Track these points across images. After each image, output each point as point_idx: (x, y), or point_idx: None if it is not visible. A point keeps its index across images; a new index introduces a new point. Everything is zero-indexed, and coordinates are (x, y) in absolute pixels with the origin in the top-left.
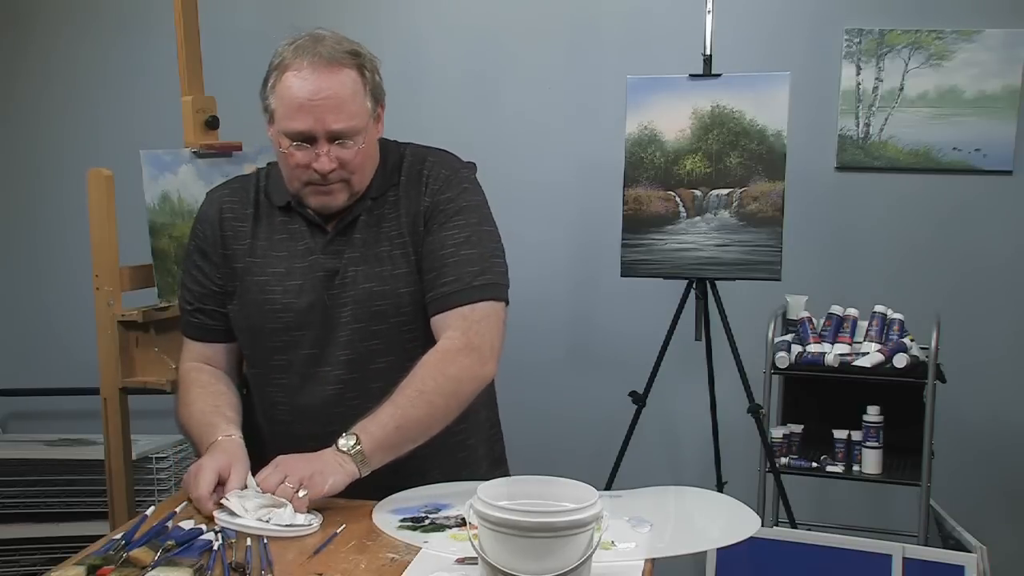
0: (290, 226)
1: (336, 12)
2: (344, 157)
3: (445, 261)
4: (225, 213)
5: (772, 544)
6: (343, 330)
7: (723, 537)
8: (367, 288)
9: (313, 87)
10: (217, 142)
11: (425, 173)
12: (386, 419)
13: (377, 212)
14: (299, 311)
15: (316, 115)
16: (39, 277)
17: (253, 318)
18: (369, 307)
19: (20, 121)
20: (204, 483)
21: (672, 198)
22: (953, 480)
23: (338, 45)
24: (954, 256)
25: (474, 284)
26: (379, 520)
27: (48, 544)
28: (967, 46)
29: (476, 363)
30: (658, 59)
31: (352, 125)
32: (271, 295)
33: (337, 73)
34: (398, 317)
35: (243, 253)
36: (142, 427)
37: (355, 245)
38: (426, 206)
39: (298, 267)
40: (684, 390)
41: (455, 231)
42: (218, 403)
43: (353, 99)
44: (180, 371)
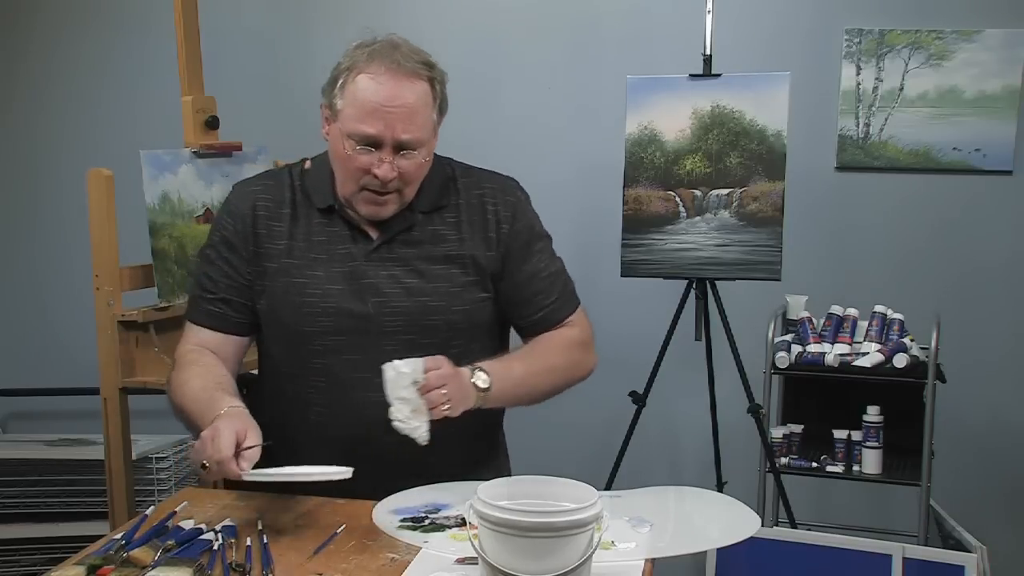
0: (329, 229)
1: (336, 12)
2: (405, 168)
3: (545, 283)
4: (259, 211)
5: (772, 544)
6: (390, 340)
7: (723, 537)
8: (422, 302)
9: (389, 93)
10: (217, 142)
11: (488, 200)
12: (517, 376)
13: (431, 228)
14: (341, 316)
15: (387, 121)
16: (39, 277)
17: (291, 321)
18: (421, 321)
19: (20, 121)
20: (225, 445)
21: (672, 198)
22: (953, 480)
23: (415, 55)
24: (954, 256)
25: (568, 291)
26: (379, 520)
27: (48, 544)
28: (967, 46)
29: (590, 358)
30: (658, 59)
31: (419, 137)
32: (310, 298)
33: (413, 83)
34: (448, 333)
35: (279, 253)
36: (142, 427)
37: (408, 258)
38: (504, 233)
39: (338, 272)
40: (684, 390)
41: (540, 254)
42: (220, 381)
43: (423, 112)
44: (178, 352)
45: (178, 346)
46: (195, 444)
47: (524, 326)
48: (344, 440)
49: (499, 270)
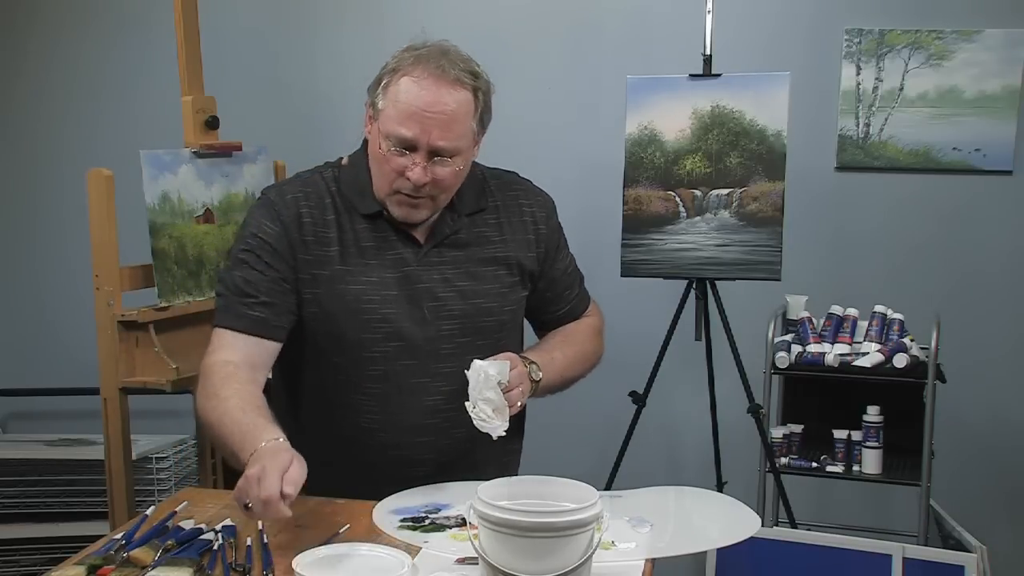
0: (376, 234)
1: (336, 12)
2: (439, 175)
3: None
4: (304, 217)
5: (772, 544)
6: (447, 343)
7: (723, 537)
8: (476, 304)
9: (430, 98)
10: (217, 142)
11: (523, 201)
12: (558, 366)
13: (476, 231)
14: (398, 321)
15: (424, 126)
16: (39, 277)
17: (348, 328)
18: (476, 322)
19: (20, 121)
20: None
21: (672, 198)
22: (953, 480)
23: (461, 63)
24: (954, 256)
25: (585, 292)
26: (379, 520)
27: (48, 544)
28: (967, 46)
29: (602, 345)
30: (658, 59)
31: (455, 145)
32: (369, 304)
33: (455, 91)
34: (500, 333)
35: (330, 260)
36: (142, 427)
37: (458, 261)
38: (542, 233)
39: (391, 277)
40: (684, 390)
41: (566, 249)
42: (259, 405)
43: (463, 120)
44: (212, 360)
45: (206, 356)
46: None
47: (550, 320)
48: (396, 446)
49: (537, 269)
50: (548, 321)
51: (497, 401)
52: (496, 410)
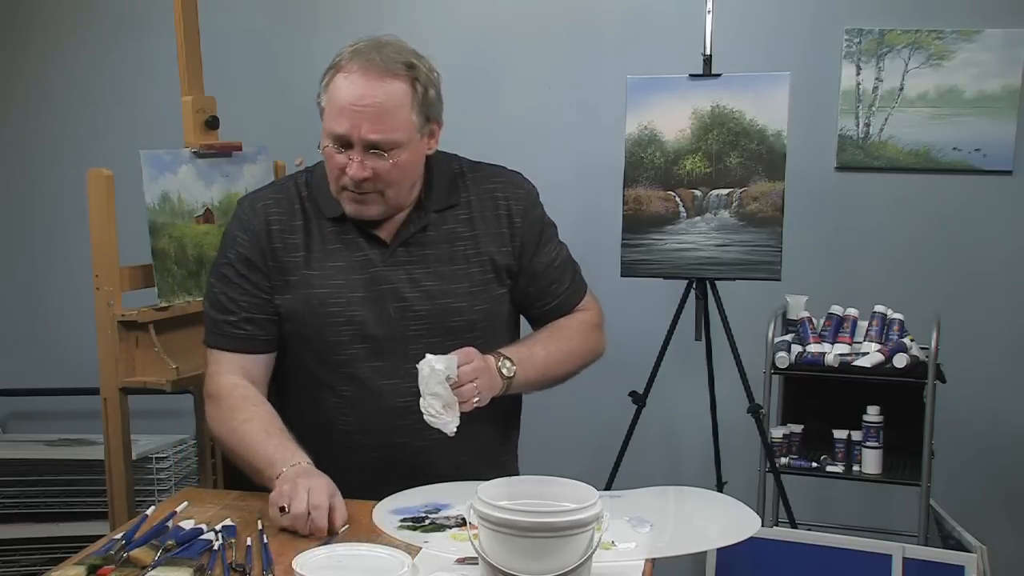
0: (344, 236)
1: (336, 12)
2: (378, 169)
3: (560, 270)
4: (272, 224)
5: (772, 544)
6: (416, 343)
7: (723, 537)
8: (443, 304)
9: (359, 92)
10: (217, 142)
11: (499, 194)
12: (538, 362)
13: (446, 228)
14: (364, 323)
15: (354, 121)
16: (39, 277)
17: (315, 332)
18: (445, 322)
19: (20, 121)
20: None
21: (672, 198)
22: (953, 480)
23: (396, 55)
24: (954, 256)
25: (579, 277)
26: (379, 520)
27: (48, 544)
28: (967, 46)
29: (602, 340)
30: (658, 59)
31: (389, 138)
32: (334, 307)
33: (386, 83)
34: (472, 333)
35: (297, 265)
36: (142, 427)
37: (427, 260)
38: (517, 227)
39: (358, 279)
40: (684, 390)
41: (552, 243)
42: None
43: (396, 111)
44: (217, 384)
45: (209, 378)
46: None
47: (538, 315)
48: (373, 447)
49: (515, 264)
50: (537, 316)
51: (446, 396)
52: (446, 406)
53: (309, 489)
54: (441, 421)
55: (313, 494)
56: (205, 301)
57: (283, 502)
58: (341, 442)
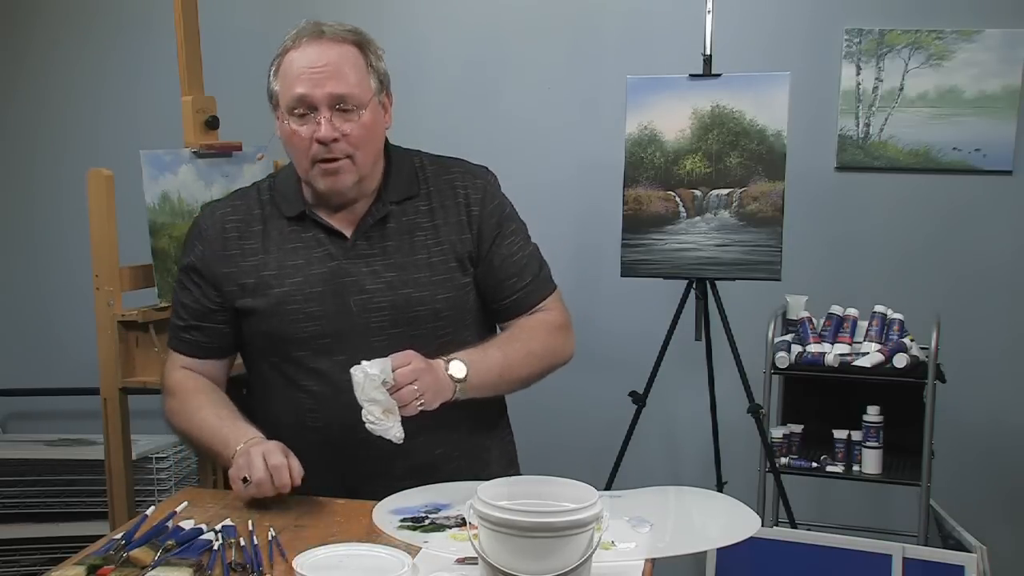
0: (303, 235)
1: (336, 12)
2: (346, 129)
3: (519, 265)
4: (229, 232)
5: (772, 544)
6: (379, 335)
7: (723, 537)
8: (405, 294)
9: (313, 56)
10: (217, 142)
11: (458, 184)
12: (495, 364)
13: (406, 219)
14: (324, 318)
15: (315, 80)
16: (39, 277)
17: (277, 331)
18: (407, 313)
19: (20, 121)
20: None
21: (672, 198)
22: (953, 480)
23: (340, 27)
24: (954, 256)
25: (543, 277)
26: (379, 520)
27: (48, 544)
28: (967, 46)
29: (568, 341)
30: (658, 59)
31: (351, 92)
32: (292, 304)
33: (336, 46)
34: (435, 323)
35: (256, 267)
36: (142, 427)
37: (388, 252)
38: (475, 215)
39: (318, 274)
40: (684, 390)
41: (513, 236)
42: (230, 408)
43: (353, 69)
44: (170, 380)
45: (166, 372)
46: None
47: (499, 310)
48: (342, 443)
49: (475, 252)
50: (497, 312)
51: (385, 401)
52: (386, 411)
53: (263, 453)
54: (382, 427)
55: (269, 456)
56: None
57: (243, 474)
58: (312, 439)
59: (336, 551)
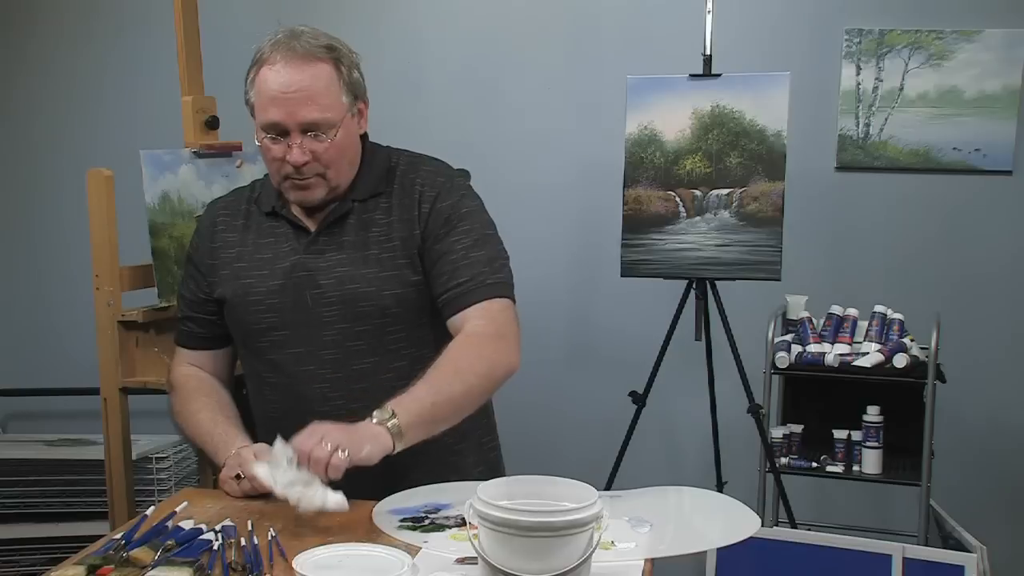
0: (276, 230)
1: (336, 12)
2: (317, 150)
3: (457, 264)
4: (219, 226)
5: (772, 544)
6: (328, 330)
7: (723, 537)
8: (353, 289)
9: (285, 80)
10: (217, 142)
11: (419, 181)
12: (422, 394)
13: (366, 216)
14: (282, 310)
15: (288, 108)
16: (39, 277)
17: (241, 320)
18: (354, 308)
19: (20, 121)
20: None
21: (672, 198)
22: (953, 480)
23: (314, 40)
24: (954, 256)
25: (487, 283)
26: (379, 520)
27: (48, 544)
28: (967, 46)
29: (505, 350)
30: (658, 59)
31: (324, 117)
32: (254, 296)
33: (310, 66)
34: (383, 319)
35: (232, 259)
36: (142, 427)
37: (343, 247)
38: (424, 212)
39: (280, 267)
40: (684, 390)
41: (462, 236)
42: (227, 414)
43: (326, 92)
44: (174, 375)
45: (171, 367)
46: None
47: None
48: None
49: (421, 248)
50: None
51: (301, 478)
52: (306, 484)
53: (255, 452)
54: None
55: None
56: None
57: (235, 472)
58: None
59: (336, 551)
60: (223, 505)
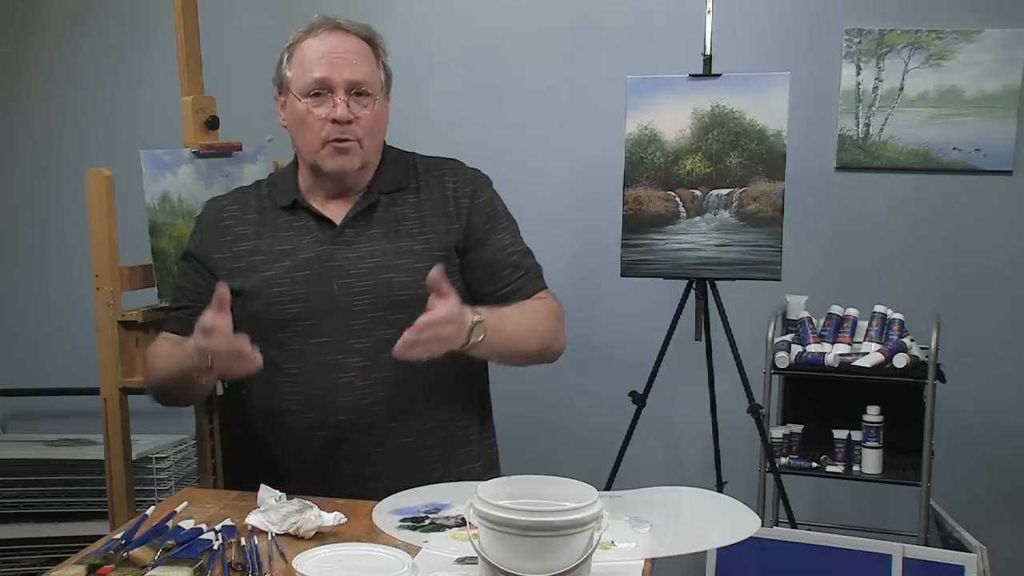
0: (295, 224)
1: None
2: (359, 113)
3: (510, 260)
4: (226, 220)
5: (772, 544)
6: (359, 319)
7: (723, 537)
8: (387, 279)
9: (332, 44)
10: (217, 142)
11: (446, 178)
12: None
13: (394, 209)
14: (308, 300)
15: (334, 66)
16: (39, 277)
17: (261, 311)
18: (388, 297)
19: (20, 121)
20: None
21: (672, 198)
22: (953, 480)
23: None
24: (954, 256)
25: (537, 273)
26: (379, 520)
27: (48, 544)
28: (967, 46)
29: (563, 336)
30: (658, 59)
31: (367, 80)
32: (278, 286)
33: (352, 38)
34: (417, 308)
35: (247, 252)
36: (142, 427)
37: (373, 239)
38: (463, 207)
39: (305, 258)
40: (684, 390)
41: (504, 233)
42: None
43: (368, 61)
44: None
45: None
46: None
47: (492, 302)
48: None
49: (463, 242)
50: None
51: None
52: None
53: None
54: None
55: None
56: None
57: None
58: (291, 424)
59: (336, 551)
60: (223, 505)
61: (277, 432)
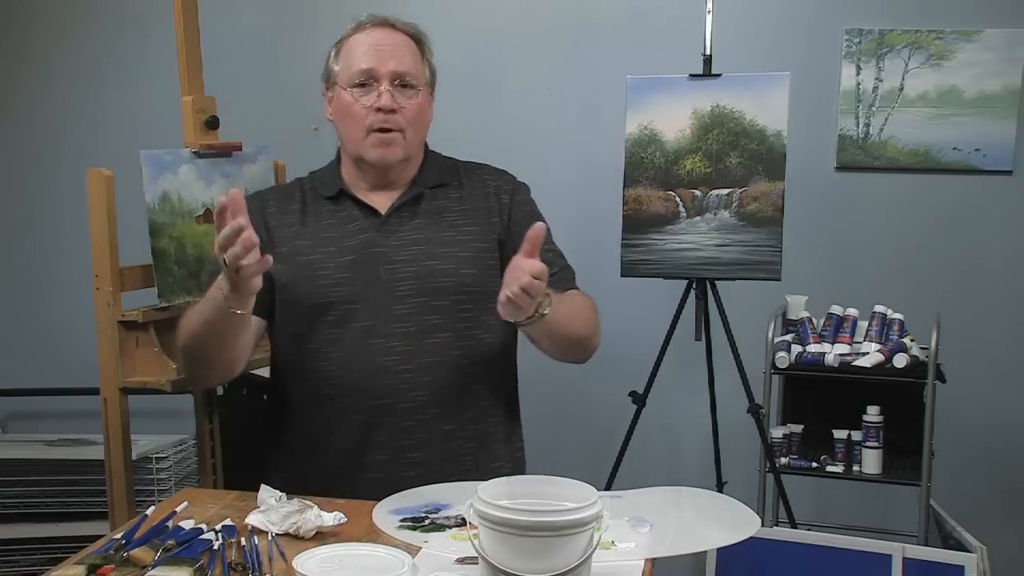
0: (339, 213)
1: (336, 12)
2: (403, 104)
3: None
4: (270, 208)
5: (772, 544)
6: (403, 304)
7: (723, 537)
8: (430, 265)
9: (379, 37)
10: (217, 142)
11: (486, 178)
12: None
13: (437, 203)
14: (352, 284)
15: (380, 57)
16: (39, 277)
17: (304, 295)
18: (432, 283)
19: (20, 121)
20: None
21: (672, 198)
22: (953, 480)
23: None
24: (954, 256)
25: (572, 276)
26: (379, 520)
27: (48, 544)
28: (967, 46)
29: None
30: (658, 59)
31: (412, 71)
32: (323, 271)
33: (400, 35)
34: (459, 295)
35: (290, 237)
36: (142, 427)
37: (417, 228)
38: (504, 203)
39: (350, 244)
40: (684, 390)
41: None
42: None
43: (413, 58)
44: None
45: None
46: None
47: None
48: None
49: (505, 236)
50: None
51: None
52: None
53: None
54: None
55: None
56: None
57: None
58: (329, 407)
59: (336, 551)
60: (223, 505)
61: (312, 415)
